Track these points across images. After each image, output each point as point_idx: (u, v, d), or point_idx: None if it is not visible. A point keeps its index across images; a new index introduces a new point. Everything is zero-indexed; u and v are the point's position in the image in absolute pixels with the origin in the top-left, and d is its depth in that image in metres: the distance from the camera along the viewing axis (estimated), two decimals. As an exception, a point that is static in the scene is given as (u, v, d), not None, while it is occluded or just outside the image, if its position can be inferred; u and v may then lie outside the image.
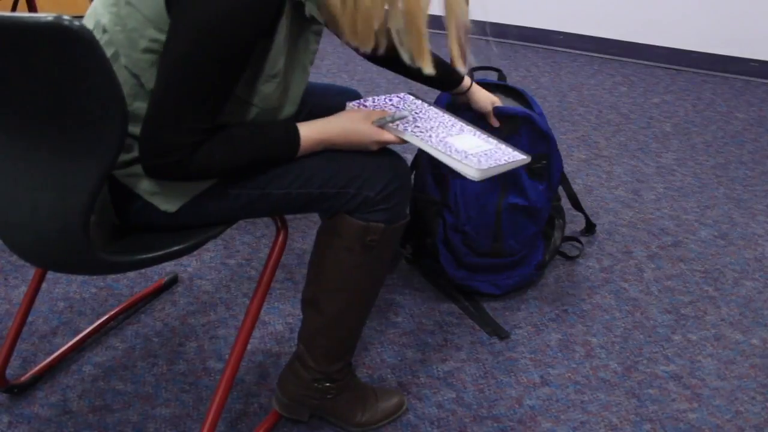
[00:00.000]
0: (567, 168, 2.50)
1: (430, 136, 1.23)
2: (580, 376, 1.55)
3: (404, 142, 1.21)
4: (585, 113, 3.01)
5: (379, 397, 1.41)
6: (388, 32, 1.07)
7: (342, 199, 1.17)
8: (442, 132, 1.27)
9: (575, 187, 2.37)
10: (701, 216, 2.22)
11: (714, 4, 3.40)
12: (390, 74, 3.43)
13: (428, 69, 1.08)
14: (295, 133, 1.13)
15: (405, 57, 1.07)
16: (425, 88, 3.30)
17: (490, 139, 1.32)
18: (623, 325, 1.72)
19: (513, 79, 3.39)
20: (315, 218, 2.15)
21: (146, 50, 1.03)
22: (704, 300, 1.82)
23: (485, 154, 1.24)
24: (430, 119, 1.30)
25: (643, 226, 2.15)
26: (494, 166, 1.21)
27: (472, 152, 1.23)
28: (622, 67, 3.59)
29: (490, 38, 4.01)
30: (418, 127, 1.25)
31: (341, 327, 1.28)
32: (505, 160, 1.25)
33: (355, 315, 1.28)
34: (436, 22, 1.13)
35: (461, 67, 1.16)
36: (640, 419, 1.45)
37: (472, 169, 1.18)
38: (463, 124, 1.34)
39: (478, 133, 1.32)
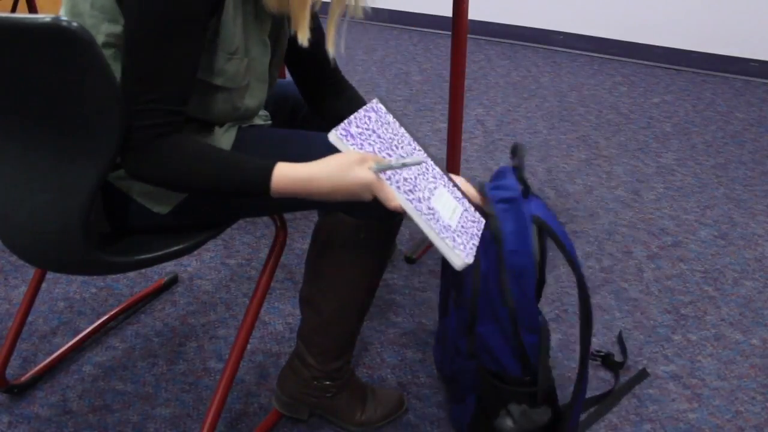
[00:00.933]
0: (567, 168, 2.50)
1: (419, 201, 1.09)
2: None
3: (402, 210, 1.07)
4: (585, 113, 3.01)
5: (378, 396, 1.42)
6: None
7: None
8: (425, 187, 1.13)
9: (575, 187, 2.37)
10: (701, 216, 2.22)
11: (714, 4, 3.40)
12: (389, 74, 3.43)
13: (302, 38, 1.05)
14: (271, 164, 1.03)
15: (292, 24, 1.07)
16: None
17: (457, 193, 1.21)
18: (623, 325, 1.72)
19: (513, 79, 3.39)
20: (314, 218, 2.15)
21: (105, 45, 1.03)
22: (704, 300, 1.82)
23: (464, 230, 1.14)
24: (411, 164, 1.10)
25: (643, 226, 2.15)
26: (473, 249, 1.13)
27: (454, 225, 1.12)
28: (622, 67, 3.59)
29: (493, 38, 4.01)
30: (406, 180, 1.11)
31: (339, 324, 1.28)
32: (478, 231, 1.17)
33: (353, 313, 1.28)
34: (437, 21, 1.13)
35: (331, 50, 1.13)
36: (640, 419, 1.45)
37: (459, 260, 1.08)
38: (435, 169, 1.20)
39: (449, 185, 1.20)
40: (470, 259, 1.09)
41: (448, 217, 1.12)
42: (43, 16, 0.83)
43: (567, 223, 2.15)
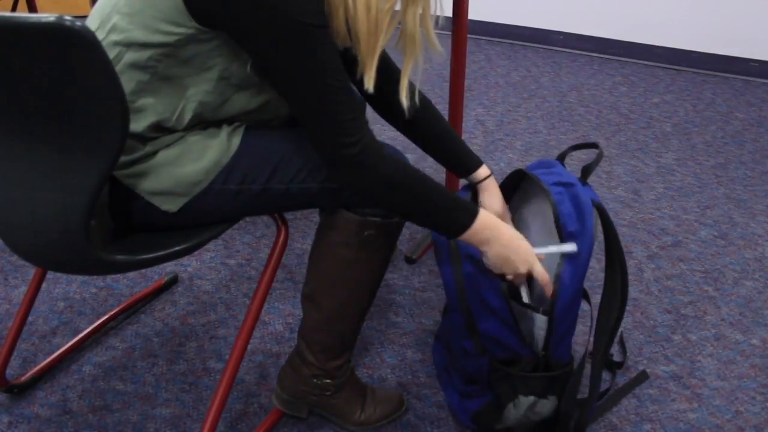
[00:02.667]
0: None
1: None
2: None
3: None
4: (585, 113, 3.01)
5: (378, 396, 1.42)
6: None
7: (342, 195, 1.18)
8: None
9: (575, 187, 2.37)
10: (701, 216, 2.22)
11: (714, 4, 3.40)
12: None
13: (369, 84, 1.08)
14: (476, 207, 1.13)
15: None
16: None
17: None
18: (623, 325, 1.72)
19: (513, 79, 3.39)
20: (315, 218, 2.15)
21: (161, 44, 1.03)
22: (704, 300, 1.82)
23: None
24: (567, 252, 1.27)
25: (643, 226, 2.15)
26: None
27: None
28: (622, 67, 3.59)
29: (495, 38, 4.01)
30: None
31: (340, 322, 1.28)
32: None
33: (354, 311, 1.28)
34: (437, 21, 1.13)
35: (405, 102, 1.16)
36: (640, 419, 1.45)
37: (573, 247, 1.22)
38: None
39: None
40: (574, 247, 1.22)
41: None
42: (47, 16, 0.83)
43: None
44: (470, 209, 1.12)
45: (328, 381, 1.34)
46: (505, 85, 3.31)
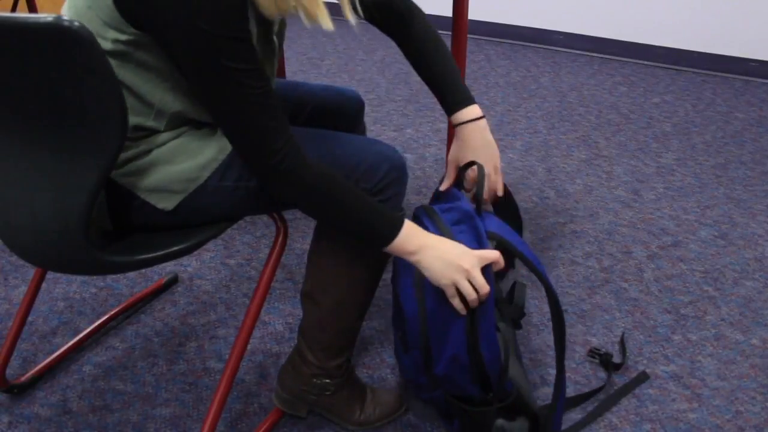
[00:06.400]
0: (567, 168, 2.51)
1: None
2: (580, 376, 1.55)
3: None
4: (585, 113, 3.01)
5: (378, 396, 1.42)
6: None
7: None
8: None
9: (575, 187, 2.37)
10: (701, 216, 2.22)
11: (714, 4, 3.40)
12: (390, 74, 3.43)
13: (326, 24, 1.02)
14: (401, 218, 1.12)
15: (303, 18, 1.04)
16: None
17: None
18: (623, 325, 1.72)
19: (513, 79, 3.39)
20: (315, 218, 2.15)
21: (112, 52, 1.02)
22: (704, 300, 1.82)
23: None
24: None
25: (643, 226, 2.15)
26: None
27: None
28: (622, 67, 3.59)
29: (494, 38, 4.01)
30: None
31: (339, 320, 1.29)
32: None
33: (353, 309, 1.29)
34: (437, 21, 1.13)
35: (351, 18, 1.08)
36: (640, 419, 1.45)
37: None
38: None
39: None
40: None
41: None
42: (45, 16, 0.83)
43: (567, 223, 2.15)
44: (395, 222, 1.10)
45: (327, 380, 1.34)
46: (505, 85, 3.32)
